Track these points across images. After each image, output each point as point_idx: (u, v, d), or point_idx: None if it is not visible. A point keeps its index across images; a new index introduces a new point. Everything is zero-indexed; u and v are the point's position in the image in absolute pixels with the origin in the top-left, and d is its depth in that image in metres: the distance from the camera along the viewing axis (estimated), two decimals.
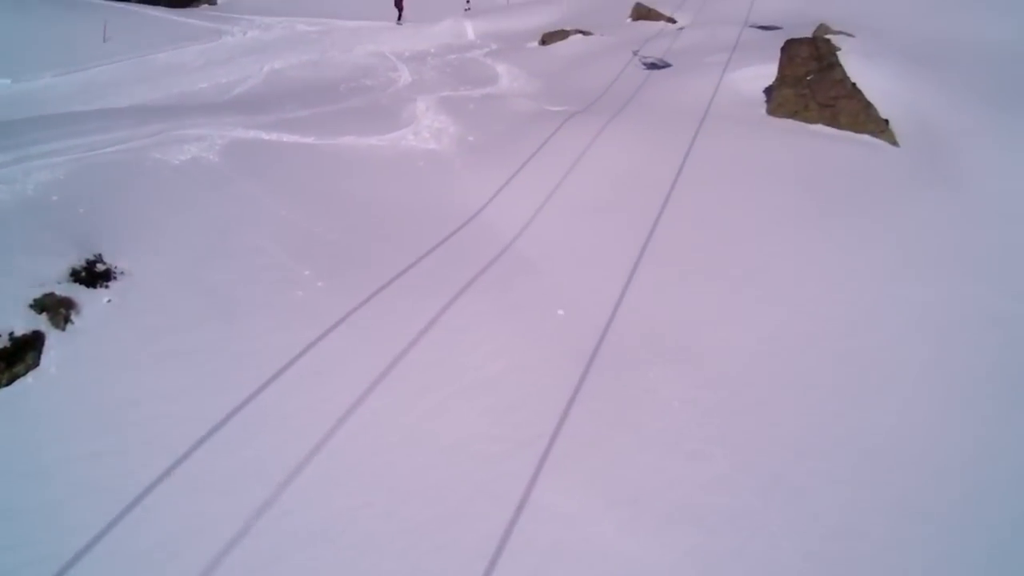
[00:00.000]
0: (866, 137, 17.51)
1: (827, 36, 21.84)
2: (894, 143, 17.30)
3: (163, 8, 41.38)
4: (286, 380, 8.94)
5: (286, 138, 15.59)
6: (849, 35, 23.20)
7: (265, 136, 15.49)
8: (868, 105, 18.08)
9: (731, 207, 14.15)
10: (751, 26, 29.48)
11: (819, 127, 18.05)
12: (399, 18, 42.42)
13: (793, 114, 18.58)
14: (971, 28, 25.84)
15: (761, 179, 15.12)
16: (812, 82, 18.72)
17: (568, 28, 30.69)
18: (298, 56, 28.80)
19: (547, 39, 30.00)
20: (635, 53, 24.77)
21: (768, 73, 19.74)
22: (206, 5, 48.34)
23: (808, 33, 22.83)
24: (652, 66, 23.47)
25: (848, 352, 10.50)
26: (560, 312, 10.96)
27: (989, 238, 13.66)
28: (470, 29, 36.49)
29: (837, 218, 13.79)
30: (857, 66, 19.24)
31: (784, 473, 8.43)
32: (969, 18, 26.75)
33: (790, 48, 19.54)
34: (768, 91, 19.67)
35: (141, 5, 42.64)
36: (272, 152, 14.80)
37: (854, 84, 18.50)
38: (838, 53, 19.41)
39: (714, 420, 9.15)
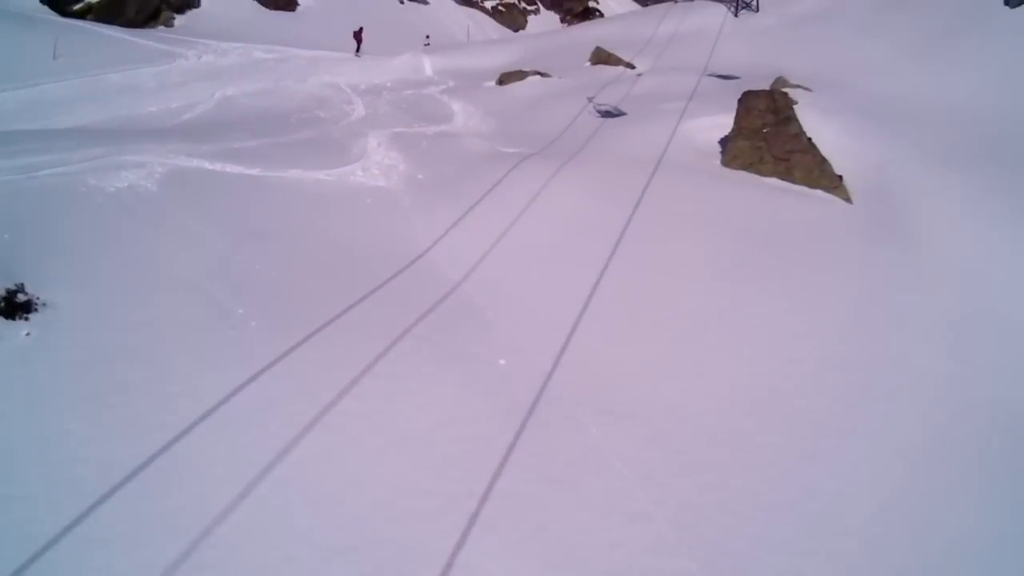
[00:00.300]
0: (820, 193, 17.57)
1: (785, 89, 21.87)
2: (847, 200, 17.37)
3: (118, 28, 40.63)
4: (211, 424, 8.51)
5: (230, 168, 15.18)
6: (807, 89, 23.28)
7: (208, 165, 15.08)
8: (823, 160, 18.14)
9: (681, 258, 13.98)
10: (710, 74, 29.67)
11: (773, 180, 18.11)
12: (357, 50, 42.25)
13: (748, 166, 18.61)
14: (925, 88, 26.21)
15: (713, 231, 15.00)
16: (768, 135, 18.81)
17: (526, 69, 30.66)
18: (252, 84, 28.38)
19: (505, 79, 29.91)
20: (590, 100, 24.62)
21: (724, 123, 19.82)
22: (163, 27, 47.73)
23: (766, 85, 22.97)
24: (607, 114, 23.32)
25: (795, 413, 10.30)
26: (502, 362, 10.65)
27: (938, 300, 13.63)
28: (428, 65, 36.35)
29: (788, 274, 13.68)
30: (813, 121, 19.35)
31: (726, 538, 8.18)
32: (923, 78, 27.13)
33: (747, 100, 19.58)
34: (724, 142, 19.73)
35: (95, 24, 41.91)
36: (214, 183, 14.39)
37: (810, 139, 18.59)
38: (795, 107, 19.49)
39: (656, 480, 8.88)
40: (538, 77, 29.73)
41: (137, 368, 9.06)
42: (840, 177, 17.89)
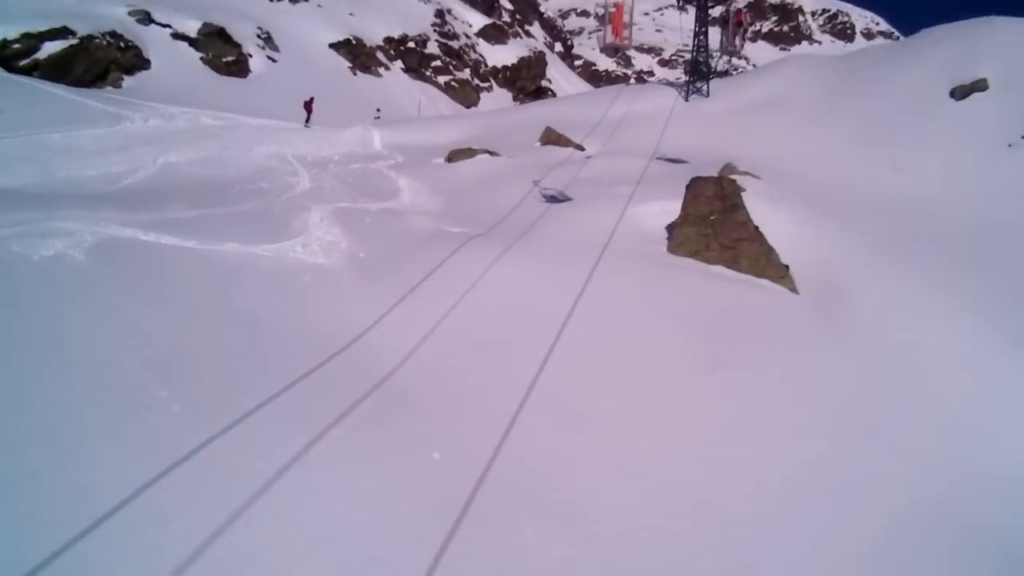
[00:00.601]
0: (766, 282, 17.52)
1: (733, 176, 22.00)
2: (794, 290, 17.34)
3: (65, 87, 40.14)
4: (120, 520, 7.90)
5: (165, 240, 14.67)
6: (755, 176, 23.51)
7: (142, 236, 14.55)
8: (770, 250, 18.11)
9: (625, 349, 13.73)
10: (659, 158, 29.88)
11: (719, 268, 18.04)
12: (307, 120, 42.18)
13: (694, 253, 18.52)
14: (872, 177, 26.96)
15: (658, 320, 14.80)
16: (715, 222, 18.75)
17: (476, 147, 30.62)
18: (196, 151, 27.95)
19: (453, 156, 29.82)
20: (535, 183, 24.52)
21: (672, 209, 19.81)
22: (111, 88, 47.30)
23: (715, 171, 23.12)
24: (552, 199, 23.18)
25: (738, 515, 9.96)
26: (436, 455, 10.18)
27: (883, 395, 13.53)
28: (377, 139, 36.28)
29: (734, 368, 13.47)
30: (761, 208, 19.38)
31: None
32: (870, 167, 27.78)
33: (695, 186, 19.61)
34: (671, 228, 19.65)
35: (41, 81, 41.41)
36: (146, 254, 13.86)
37: (757, 227, 18.56)
38: (743, 194, 19.52)
39: None
40: (487, 156, 29.69)
41: (39, 456, 8.42)
42: (787, 267, 17.86)
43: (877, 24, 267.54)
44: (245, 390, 10.51)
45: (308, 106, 43.21)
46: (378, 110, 51.05)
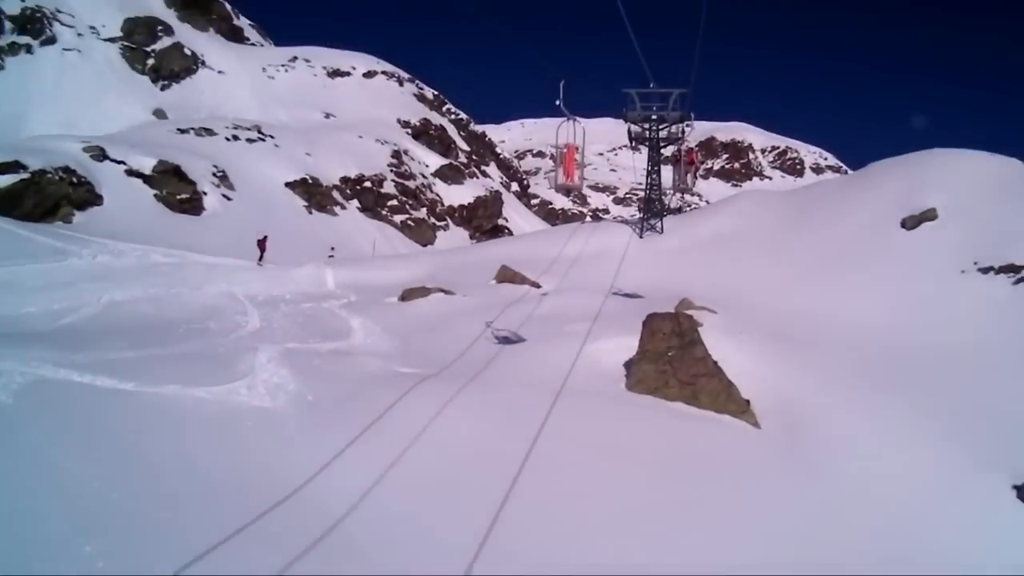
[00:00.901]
0: (727, 418, 17.16)
1: (689, 311, 22.01)
2: (756, 425, 17.04)
3: (12, 221, 39.62)
4: None
5: (101, 382, 13.96)
6: (711, 311, 23.49)
7: (77, 377, 13.85)
8: (729, 385, 17.79)
9: (584, 493, 13.12)
10: (615, 293, 29.79)
11: (679, 405, 17.56)
12: (260, 258, 41.85)
13: (653, 390, 18.05)
14: (826, 308, 26.94)
15: (617, 462, 14.27)
16: (673, 358, 18.39)
17: (430, 286, 30.31)
18: (144, 289, 27.36)
19: (407, 295, 29.46)
20: (488, 325, 24.08)
21: (629, 345, 19.44)
22: (61, 223, 46.71)
23: (671, 306, 23.05)
24: (505, 340, 22.59)
25: None
26: None
27: (848, 529, 13.24)
28: (331, 278, 35.95)
29: (697, 508, 13.00)
30: (719, 343, 19.20)
31: None
32: (826, 298, 27.88)
33: (652, 322, 19.35)
34: (628, 365, 19.25)
35: None
36: (80, 397, 13.14)
37: (715, 362, 18.25)
38: (700, 329, 19.32)
39: None
40: (441, 294, 29.36)
41: None
42: (747, 401, 17.52)
43: (825, 159, 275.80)
44: (178, 544, 9.72)
45: (261, 245, 43.00)
46: (332, 249, 50.93)
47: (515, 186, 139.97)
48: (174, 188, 56.49)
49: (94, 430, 12.18)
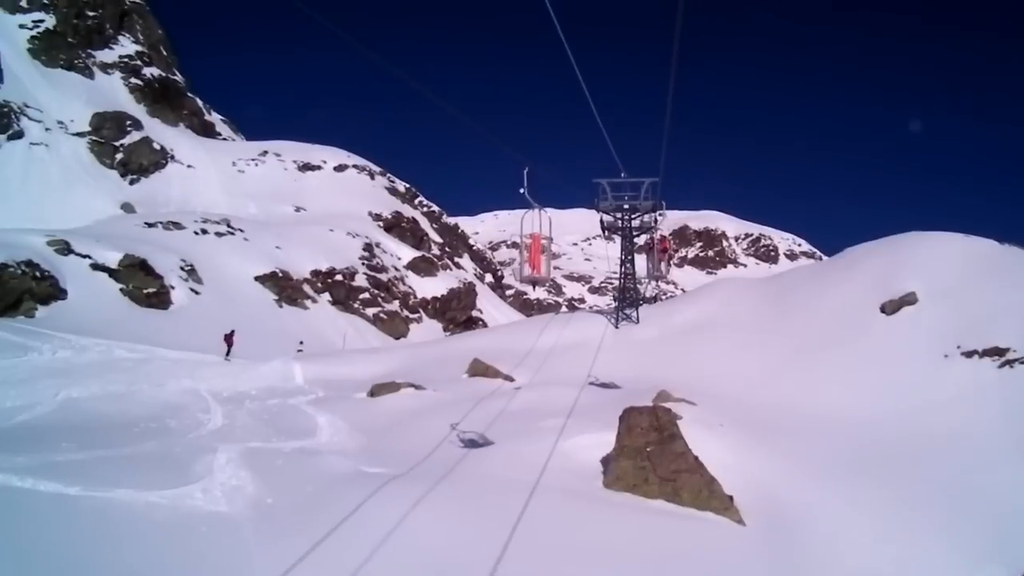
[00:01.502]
0: (710, 515, 16.45)
1: (668, 404, 21.43)
2: (740, 521, 16.41)
3: None
4: None
5: (43, 486, 13.08)
6: (690, 403, 22.95)
7: (17, 482, 12.97)
8: (711, 480, 17.15)
9: None
10: (591, 383, 29.14)
11: (660, 503, 16.83)
12: (227, 353, 40.99)
13: (632, 488, 17.33)
14: (808, 397, 26.56)
15: (595, 567, 13.49)
16: (652, 454, 17.74)
17: (400, 381, 29.52)
18: (104, 385, 26.40)
19: (376, 391, 28.65)
20: (453, 427, 22.79)
21: (606, 441, 18.82)
22: (23, 317, 45.69)
23: (648, 398, 22.61)
24: (471, 443, 21.23)
25: None
26: None
27: None
28: (299, 373, 35.10)
29: None
30: (699, 437, 18.66)
31: None
32: (807, 386, 27.52)
33: (629, 417, 18.73)
34: (606, 461, 18.59)
35: None
36: (18, 504, 12.26)
37: (696, 457, 17.62)
38: (679, 422, 18.73)
39: None
40: (412, 390, 28.55)
41: None
42: (731, 497, 16.85)
43: (799, 245, 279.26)
44: None
45: (228, 340, 42.17)
46: (301, 343, 50.04)
47: (489, 277, 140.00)
48: (140, 282, 55.69)
49: (30, 540, 11.27)
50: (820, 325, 33.05)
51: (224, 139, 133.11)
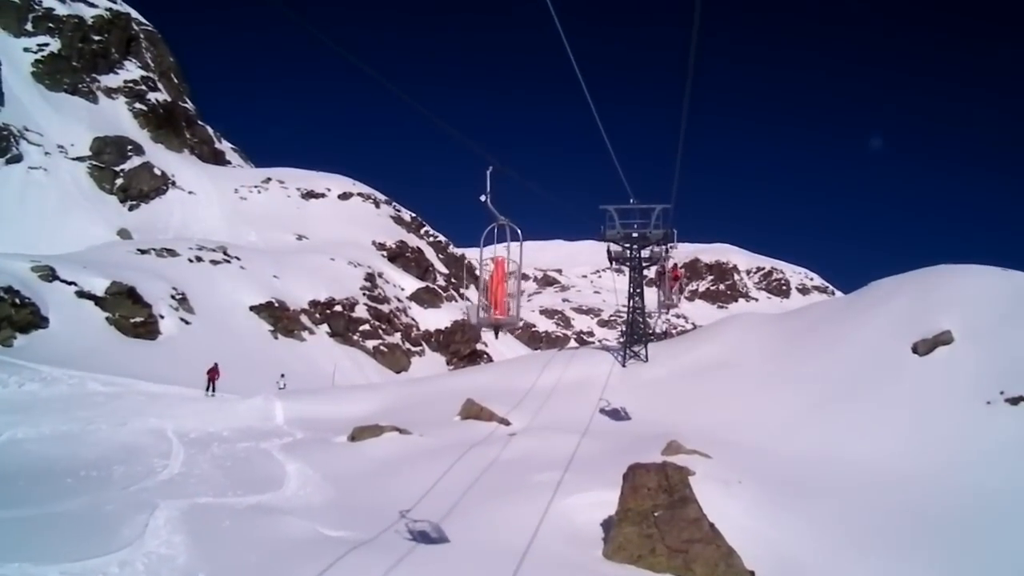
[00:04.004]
0: None
1: (679, 455, 19.93)
2: None
3: None
4: None
5: None
6: (704, 455, 20.94)
7: None
8: (729, 553, 15.09)
9: None
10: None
11: None
12: (211, 389, 38.54)
13: (636, 559, 15.24)
14: (835, 448, 24.51)
15: None
16: (660, 520, 15.56)
17: (384, 424, 26.99)
18: (58, 424, 24.12)
19: (357, 435, 26.23)
20: (402, 515, 17.15)
21: (608, 501, 16.61)
22: (0, 346, 43.35)
23: (656, 447, 21.17)
24: (421, 536, 15.83)
25: None
26: None
27: None
28: (280, 412, 32.80)
29: None
30: (715, 497, 16.89)
31: None
32: (832, 436, 25.53)
33: (634, 476, 16.45)
34: (607, 526, 16.46)
35: None
36: None
37: (712, 524, 15.48)
38: (692, 479, 16.77)
39: None
40: (396, 434, 26.00)
41: None
42: (752, 573, 14.79)
43: (812, 279, 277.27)
44: None
45: (212, 374, 39.48)
46: (282, 376, 47.14)
47: None
48: (127, 311, 53.39)
49: None
50: (846, 366, 30.71)
51: (235, 167, 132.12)
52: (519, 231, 14.64)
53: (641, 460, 17.31)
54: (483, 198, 14.61)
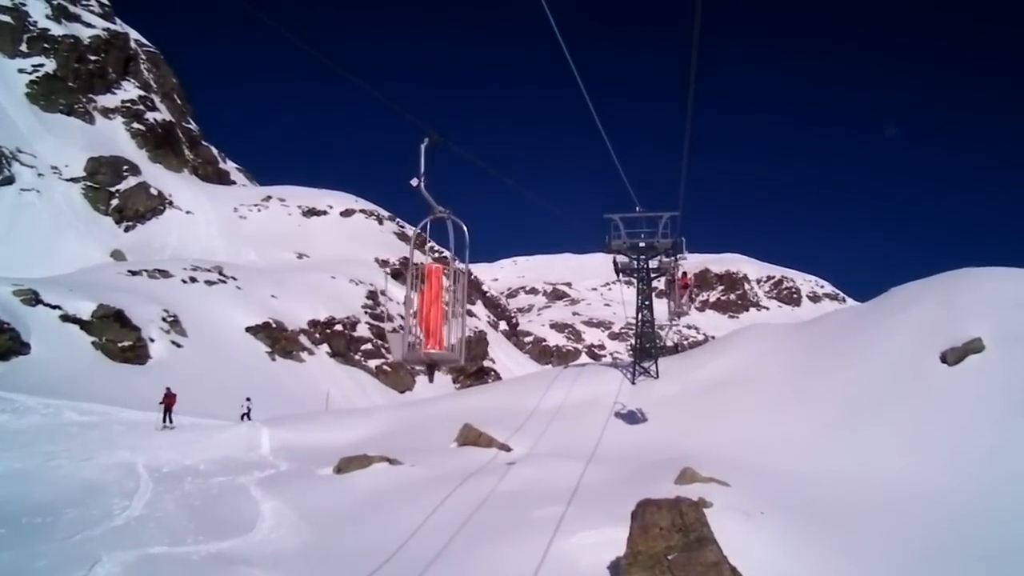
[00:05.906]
0: None
1: (695, 484, 18.47)
2: None
3: None
4: None
5: None
6: (722, 483, 19.10)
7: None
8: None
9: None
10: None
11: None
12: (166, 418, 35.32)
13: None
14: (862, 468, 22.57)
15: None
16: (675, 564, 13.39)
17: (372, 454, 24.80)
18: (14, 460, 22.26)
19: (344, 466, 24.14)
20: (382, 564, 15.13)
21: (615, 540, 14.52)
22: None
23: (669, 475, 19.65)
24: None
25: None
26: None
27: None
28: (266, 440, 30.73)
29: None
30: (736, 533, 14.84)
31: None
32: (858, 455, 23.56)
33: (644, 513, 14.27)
34: (614, 569, 14.39)
35: None
36: None
37: (733, 569, 13.31)
38: (709, 512, 14.90)
39: None
40: (385, 464, 23.87)
41: None
42: None
43: (822, 287, 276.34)
44: None
45: (167, 401, 35.88)
46: (248, 400, 43.63)
47: (503, 325, 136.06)
48: (115, 335, 51.39)
49: None
50: (870, 379, 28.68)
51: (238, 186, 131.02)
52: (464, 227, 11.18)
53: (652, 492, 15.36)
54: (415, 182, 11.01)
